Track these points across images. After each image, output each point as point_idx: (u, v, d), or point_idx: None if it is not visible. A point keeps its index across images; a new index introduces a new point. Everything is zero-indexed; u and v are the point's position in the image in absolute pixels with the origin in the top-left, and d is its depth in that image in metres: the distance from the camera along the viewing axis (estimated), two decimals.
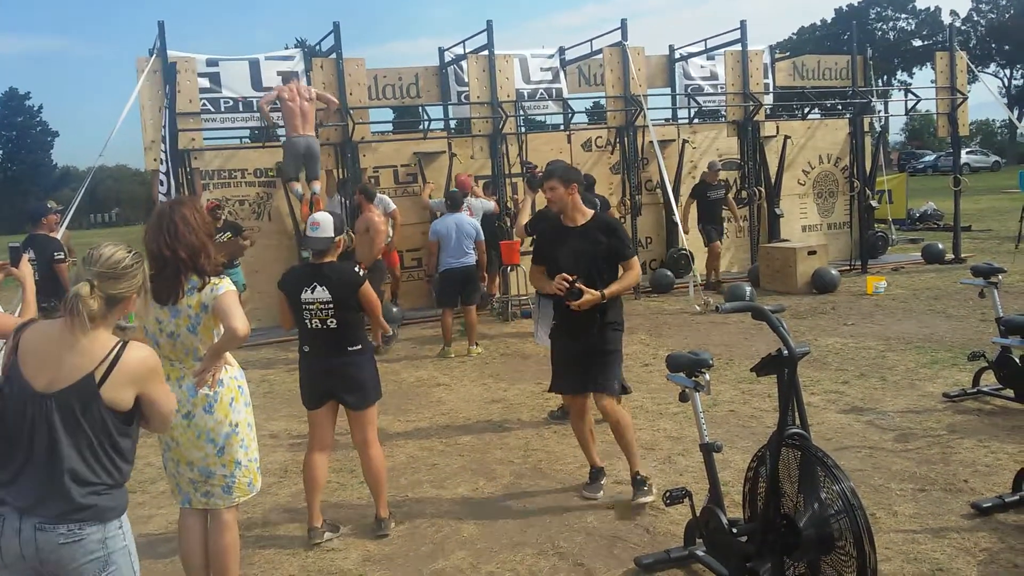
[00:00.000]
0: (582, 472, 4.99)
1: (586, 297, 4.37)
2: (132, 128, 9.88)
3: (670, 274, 12.16)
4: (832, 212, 14.23)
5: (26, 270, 3.48)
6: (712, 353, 3.90)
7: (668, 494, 3.73)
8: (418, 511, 4.75)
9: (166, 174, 9.34)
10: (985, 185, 29.07)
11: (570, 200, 4.58)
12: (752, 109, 12.63)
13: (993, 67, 59.38)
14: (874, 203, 13.65)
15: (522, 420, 6.40)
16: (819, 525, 3.18)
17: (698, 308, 10.46)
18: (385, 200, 10.39)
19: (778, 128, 13.61)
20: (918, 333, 8.42)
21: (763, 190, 13.13)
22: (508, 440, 5.93)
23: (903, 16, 62.53)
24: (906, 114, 16.44)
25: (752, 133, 12.79)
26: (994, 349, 5.98)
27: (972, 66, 15.49)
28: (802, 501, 3.25)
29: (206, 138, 10.69)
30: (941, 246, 13.49)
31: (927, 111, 18.82)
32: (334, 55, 10.56)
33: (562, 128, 12.71)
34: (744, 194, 12.70)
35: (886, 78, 54.01)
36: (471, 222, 9.14)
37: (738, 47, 12.77)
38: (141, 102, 9.72)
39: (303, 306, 4.26)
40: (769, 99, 13.99)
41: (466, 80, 11.44)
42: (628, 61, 11.74)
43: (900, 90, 27.35)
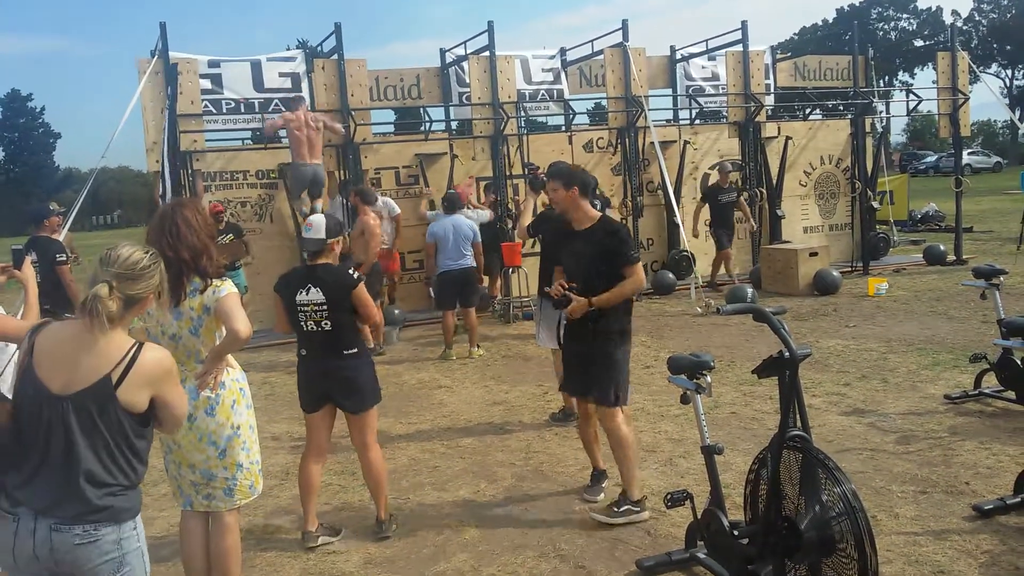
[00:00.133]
0: (584, 474, 4.99)
1: (573, 304, 4.31)
2: (134, 129, 9.92)
3: (672, 276, 12.13)
4: (833, 213, 14.20)
5: (28, 272, 3.49)
6: (713, 355, 3.92)
7: (669, 496, 3.74)
8: (419, 513, 4.75)
9: (160, 174, 9.35)
10: (987, 186, 29.05)
11: (571, 202, 4.50)
12: (753, 110, 12.63)
13: (995, 67, 59.31)
14: (875, 204, 13.61)
15: (523, 422, 6.40)
16: (820, 527, 3.18)
17: (699, 310, 10.45)
18: (389, 203, 10.38)
19: (779, 129, 13.59)
20: (920, 335, 8.41)
21: (764, 191, 13.11)
22: (509, 442, 5.93)
23: (904, 16, 62.42)
24: (907, 115, 16.43)
25: (753, 134, 12.78)
26: (996, 351, 5.97)
27: (974, 66, 15.45)
28: (803, 503, 3.26)
29: (208, 140, 10.72)
30: (943, 247, 13.47)
31: (928, 112, 18.78)
32: (336, 56, 10.56)
33: (563, 129, 12.68)
34: (746, 195, 12.69)
35: (887, 78, 53.97)
36: (469, 224, 9.06)
37: (739, 48, 12.77)
38: (143, 103, 9.72)
39: (298, 308, 4.26)
40: (770, 100, 13.97)
41: (467, 81, 11.43)
42: (629, 62, 11.74)
43: (901, 90, 27.37)
